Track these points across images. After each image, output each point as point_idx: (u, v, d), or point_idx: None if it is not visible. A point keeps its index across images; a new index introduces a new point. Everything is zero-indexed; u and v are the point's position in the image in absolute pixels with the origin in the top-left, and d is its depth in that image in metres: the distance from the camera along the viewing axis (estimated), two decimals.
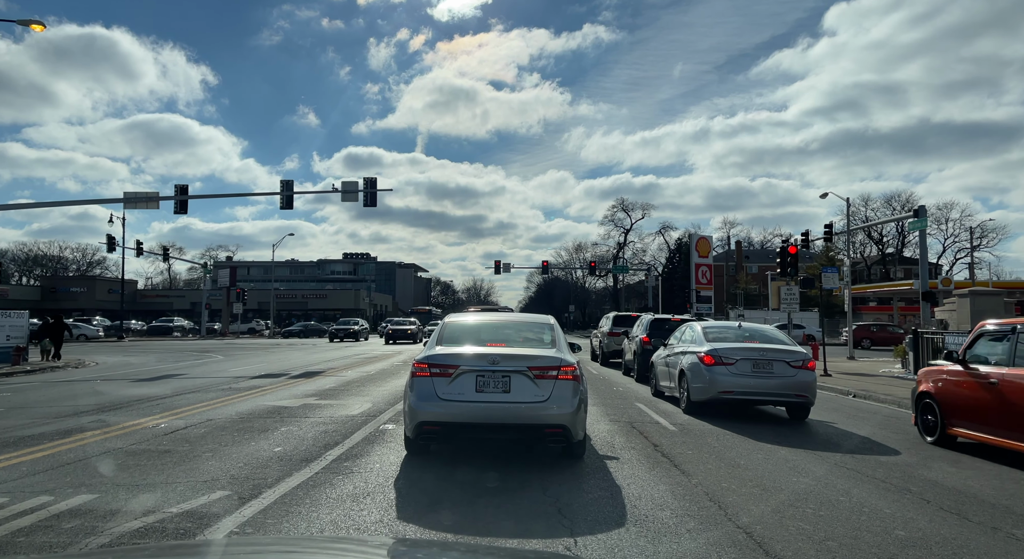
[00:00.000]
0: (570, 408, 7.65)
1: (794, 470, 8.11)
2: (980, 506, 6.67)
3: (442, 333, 8.89)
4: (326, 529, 5.58)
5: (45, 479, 7.18)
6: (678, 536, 5.48)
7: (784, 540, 5.40)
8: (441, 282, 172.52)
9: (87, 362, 27.63)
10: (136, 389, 17.04)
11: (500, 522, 5.79)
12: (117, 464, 7.96)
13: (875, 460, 8.86)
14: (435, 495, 6.70)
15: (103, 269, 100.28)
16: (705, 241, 64.50)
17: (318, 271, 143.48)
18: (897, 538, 5.56)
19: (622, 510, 6.18)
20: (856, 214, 77.53)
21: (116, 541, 5.20)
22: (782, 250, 27.20)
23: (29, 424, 11.02)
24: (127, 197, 32.11)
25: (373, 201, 32.83)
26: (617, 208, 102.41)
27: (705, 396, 12.47)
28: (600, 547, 5.18)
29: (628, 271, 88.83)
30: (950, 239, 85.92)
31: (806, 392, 12.18)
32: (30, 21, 24.46)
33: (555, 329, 9.17)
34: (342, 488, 6.86)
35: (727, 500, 6.60)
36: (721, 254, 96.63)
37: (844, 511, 6.30)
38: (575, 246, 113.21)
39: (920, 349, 21.89)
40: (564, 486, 7.04)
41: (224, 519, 5.73)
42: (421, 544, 4.50)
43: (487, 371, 7.69)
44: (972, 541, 5.55)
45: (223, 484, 6.92)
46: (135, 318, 75.95)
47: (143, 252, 58.02)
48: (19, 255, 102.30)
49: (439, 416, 7.65)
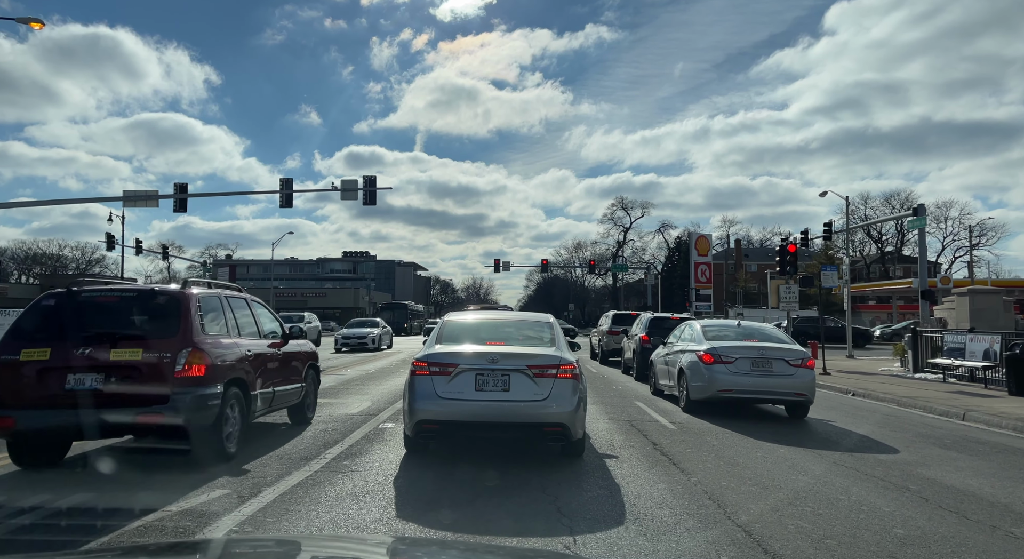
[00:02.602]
0: (569, 407, 7.66)
1: (793, 468, 8.11)
2: (979, 504, 6.68)
3: (441, 331, 8.89)
4: (325, 528, 5.58)
5: (44, 478, 7.18)
6: (677, 535, 5.49)
7: (783, 538, 5.40)
8: (441, 280, 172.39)
9: None
10: None
11: (499, 521, 5.80)
12: (116, 462, 7.96)
13: (874, 458, 8.87)
14: (434, 494, 6.70)
15: (103, 268, 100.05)
16: (704, 240, 64.59)
17: (317, 269, 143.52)
18: (896, 536, 5.56)
19: (621, 509, 6.18)
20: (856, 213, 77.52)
21: (115, 540, 5.20)
22: (781, 249, 27.21)
23: None
24: (126, 195, 32.13)
25: (373, 199, 32.85)
26: (617, 207, 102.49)
27: (704, 395, 12.47)
28: (599, 546, 5.18)
29: (627, 270, 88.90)
30: (949, 237, 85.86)
31: (805, 391, 12.18)
32: (29, 19, 24.45)
33: (554, 328, 9.17)
34: (341, 486, 6.86)
35: (726, 498, 6.60)
36: (720, 253, 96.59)
37: (843, 509, 6.31)
38: (575, 245, 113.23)
39: (919, 348, 21.92)
40: (563, 485, 7.04)
41: (223, 518, 5.74)
42: (420, 543, 4.51)
43: (486, 370, 7.69)
44: (971, 539, 5.56)
45: (222, 483, 6.92)
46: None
47: (142, 250, 58.04)
48: (18, 253, 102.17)
49: (438, 415, 7.65)
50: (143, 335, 7.66)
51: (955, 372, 19.36)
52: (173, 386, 7.35)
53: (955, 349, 19.17)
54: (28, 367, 7.40)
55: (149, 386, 7.37)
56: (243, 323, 9.31)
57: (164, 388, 7.34)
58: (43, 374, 7.40)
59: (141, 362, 7.40)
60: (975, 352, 18.16)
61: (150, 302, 8.13)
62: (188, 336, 7.65)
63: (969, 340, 18.54)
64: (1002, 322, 21.67)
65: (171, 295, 8.14)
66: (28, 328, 7.74)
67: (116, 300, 8.20)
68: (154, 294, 8.25)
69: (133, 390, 7.36)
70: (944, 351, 19.84)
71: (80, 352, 7.38)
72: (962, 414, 13.00)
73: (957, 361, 18.84)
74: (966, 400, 14.81)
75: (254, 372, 8.92)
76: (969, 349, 18.44)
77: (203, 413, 7.50)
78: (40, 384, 7.38)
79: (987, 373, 17.72)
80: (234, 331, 8.89)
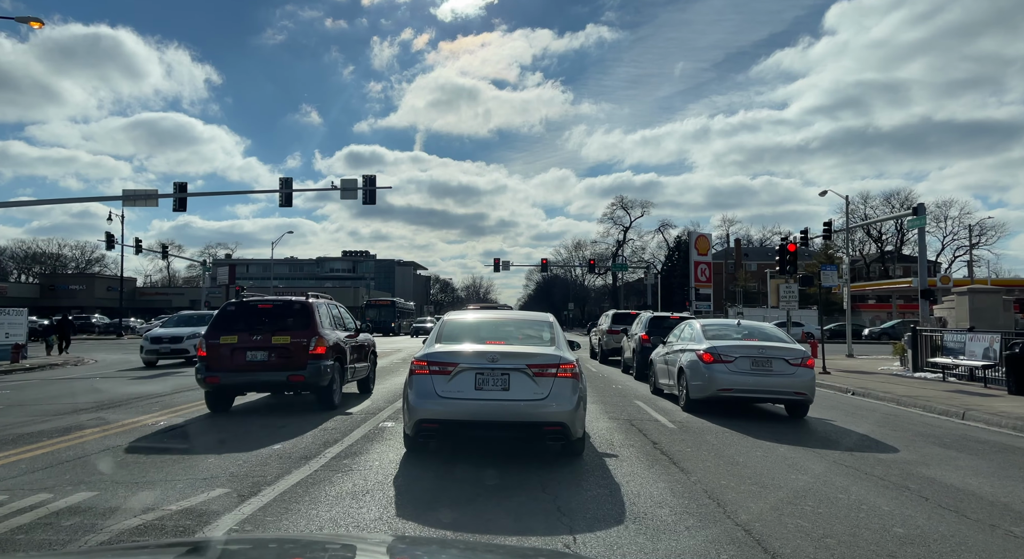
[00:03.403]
0: (569, 406, 7.65)
1: (793, 468, 8.11)
2: (978, 503, 6.68)
3: (441, 331, 8.89)
4: (325, 527, 5.58)
5: (44, 477, 7.18)
6: (677, 534, 5.49)
7: (783, 537, 5.40)
8: (440, 280, 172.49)
9: (86, 360, 27.62)
10: (135, 387, 17.04)
11: (499, 520, 5.80)
12: (116, 462, 7.96)
13: (874, 457, 8.87)
14: (434, 493, 6.70)
15: (102, 267, 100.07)
16: (704, 239, 64.54)
17: (317, 269, 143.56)
18: (895, 535, 5.56)
19: (621, 508, 6.18)
20: (855, 212, 77.49)
21: (115, 539, 5.20)
22: (781, 248, 27.20)
23: (28, 422, 11.01)
24: (126, 195, 32.09)
25: (372, 198, 32.83)
26: (616, 206, 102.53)
27: (704, 394, 12.47)
28: (599, 545, 5.18)
29: (627, 269, 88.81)
30: (949, 237, 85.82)
31: (805, 390, 12.18)
32: (28, 18, 24.42)
33: (554, 327, 9.16)
34: (341, 486, 6.86)
35: (726, 498, 6.60)
36: (720, 252, 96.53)
37: (843, 508, 6.31)
38: (574, 244, 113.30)
39: (919, 347, 21.92)
40: (563, 484, 7.04)
41: (223, 517, 5.74)
42: (420, 542, 4.51)
43: (486, 369, 7.69)
44: (970, 538, 5.56)
45: (222, 482, 6.93)
46: (134, 316, 75.85)
47: (141, 250, 57.93)
48: (18, 252, 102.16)
49: (438, 414, 7.65)
50: (289, 328, 12.25)
51: (955, 371, 19.36)
52: (307, 359, 12.01)
53: (955, 348, 19.18)
54: (224, 347, 11.99)
55: (293, 359, 11.99)
56: (337, 321, 13.81)
57: (302, 360, 12.01)
58: (233, 351, 11.99)
59: (289, 344, 12.07)
60: (975, 351, 18.17)
61: (291, 308, 12.65)
62: (314, 329, 12.27)
63: (969, 339, 18.54)
64: (1002, 321, 21.66)
65: (303, 303, 12.72)
66: (221, 323, 12.33)
67: (271, 307, 12.80)
68: (293, 303, 12.79)
69: (284, 362, 11.99)
70: (944, 350, 19.85)
71: (254, 338, 12.11)
72: (962, 413, 13.01)
73: (957, 360, 18.84)
74: (966, 399, 14.81)
75: (346, 353, 13.38)
76: (969, 348, 18.45)
77: (323, 376, 12.13)
78: (231, 357, 11.96)
79: (987, 372, 17.72)
80: (333, 326, 13.31)
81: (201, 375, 11.89)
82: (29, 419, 11.32)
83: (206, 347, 12.07)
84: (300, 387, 12.30)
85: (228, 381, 11.92)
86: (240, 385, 12.22)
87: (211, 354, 11.94)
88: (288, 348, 12.01)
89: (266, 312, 12.62)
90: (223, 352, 11.92)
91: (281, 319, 12.43)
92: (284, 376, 11.91)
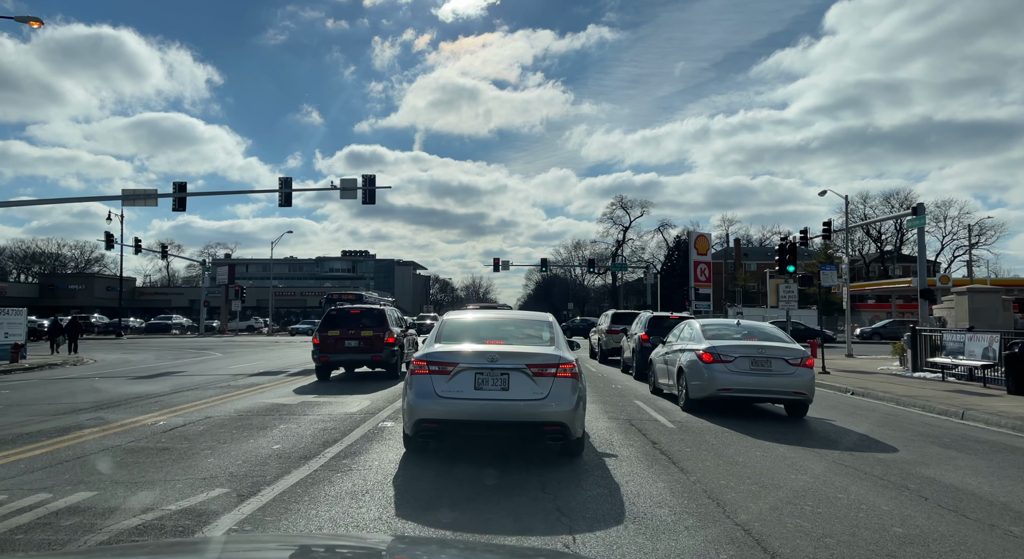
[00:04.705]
0: (569, 406, 7.65)
1: (792, 467, 8.12)
2: (978, 503, 6.68)
3: (441, 330, 8.89)
4: (325, 527, 5.58)
5: (43, 476, 7.18)
6: (676, 533, 5.49)
7: (782, 537, 5.41)
8: (440, 279, 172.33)
9: (86, 359, 27.62)
10: (134, 386, 17.03)
11: (499, 519, 5.80)
12: (115, 461, 7.96)
13: (873, 457, 8.87)
14: (434, 493, 6.70)
15: (101, 266, 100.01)
16: (704, 239, 64.58)
17: (317, 268, 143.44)
18: (895, 535, 5.56)
19: (620, 507, 6.18)
20: (855, 212, 77.53)
21: (115, 539, 5.20)
22: (781, 248, 27.19)
23: (27, 421, 11.01)
24: (126, 194, 32.08)
25: (372, 198, 32.81)
26: (616, 206, 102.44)
27: (703, 394, 12.48)
28: (599, 544, 5.18)
29: (627, 269, 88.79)
30: (948, 237, 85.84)
31: (804, 390, 12.18)
32: (28, 18, 24.41)
33: (554, 327, 9.16)
34: (341, 485, 6.86)
35: (725, 497, 6.60)
36: (720, 252, 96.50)
37: (842, 508, 6.31)
38: (574, 244, 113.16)
39: (918, 347, 21.93)
40: (563, 483, 7.04)
41: (223, 516, 5.74)
42: (420, 541, 4.51)
43: (486, 368, 7.68)
44: (970, 538, 5.56)
45: (222, 482, 6.93)
46: (133, 315, 75.80)
47: (141, 249, 57.95)
48: (17, 252, 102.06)
49: (438, 414, 7.65)
50: (372, 325, 18.61)
51: (954, 371, 19.37)
52: (383, 346, 18.36)
53: (954, 348, 19.19)
54: (330, 338, 18.21)
55: (374, 346, 18.28)
56: (399, 320, 20.81)
57: (380, 346, 18.32)
58: (336, 340, 18.22)
59: (372, 336, 18.38)
60: (974, 351, 18.18)
61: (372, 312, 19.46)
62: (386, 326, 18.73)
63: (968, 339, 18.54)
64: (1001, 321, 21.68)
65: (380, 308, 20.04)
66: (327, 322, 18.69)
67: (360, 312, 19.61)
68: (373, 309, 19.95)
69: (369, 347, 18.25)
70: (943, 350, 19.85)
71: (350, 331, 18.38)
72: (961, 413, 13.01)
73: (956, 360, 18.85)
74: (965, 399, 14.82)
75: (403, 343, 19.95)
76: (968, 348, 18.45)
77: (393, 356, 18.51)
78: (335, 345, 18.19)
79: (986, 372, 17.73)
80: (397, 324, 19.77)
81: (316, 355, 18.03)
82: (28, 419, 11.31)
83: (319, 337, 18.15)
84: (379, 364, 18.41)
85: (334, 360, 18.14)
86: (340, 362, 18.45)
87: (322, 342, 18.12)
88: (371, 338, 18.28)
89: (356, 315, 19.14)
90: (329, 341, 18.12)
91: (366, 319, 18.82)
92: (369, 357, 18.23)
